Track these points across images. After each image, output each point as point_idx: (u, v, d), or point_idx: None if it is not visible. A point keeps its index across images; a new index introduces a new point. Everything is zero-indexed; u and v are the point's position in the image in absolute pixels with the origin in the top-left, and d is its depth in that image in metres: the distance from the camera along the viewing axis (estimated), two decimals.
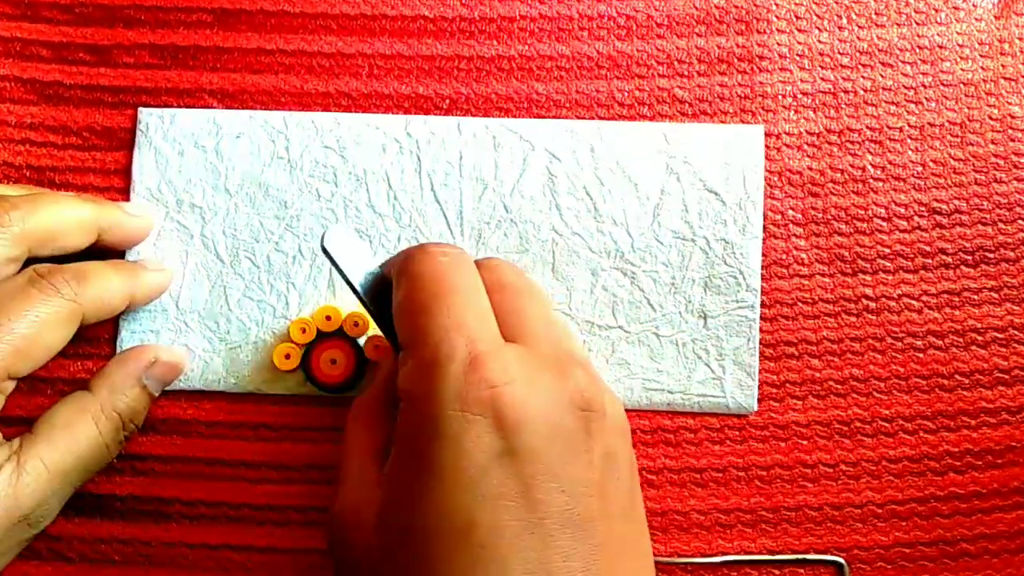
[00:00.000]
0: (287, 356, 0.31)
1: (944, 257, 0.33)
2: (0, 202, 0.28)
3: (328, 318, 0.32)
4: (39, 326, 0.26)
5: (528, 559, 0.21)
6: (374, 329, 0.32)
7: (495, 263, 0.27)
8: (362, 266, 0.27)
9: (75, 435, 0.28)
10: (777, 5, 0.34)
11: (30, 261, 0.28)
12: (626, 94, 0.34)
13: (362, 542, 0.23)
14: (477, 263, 0.27)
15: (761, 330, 0.33)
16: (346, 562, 0.24)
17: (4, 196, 0.28)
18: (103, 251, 0.31)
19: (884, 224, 0.33)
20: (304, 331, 0.31)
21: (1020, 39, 0.34)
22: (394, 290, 0.25)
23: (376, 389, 0.27)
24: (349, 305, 0.32)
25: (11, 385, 0.26)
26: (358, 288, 0.26)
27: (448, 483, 0.22)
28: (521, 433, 0.22)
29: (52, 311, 0.27)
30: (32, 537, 0.28)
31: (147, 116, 0.33)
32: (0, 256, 0.27)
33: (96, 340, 0.32)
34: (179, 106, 0.34)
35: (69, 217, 0.29)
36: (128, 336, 0.32)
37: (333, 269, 0.27)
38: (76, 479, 0.28)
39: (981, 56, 0.34)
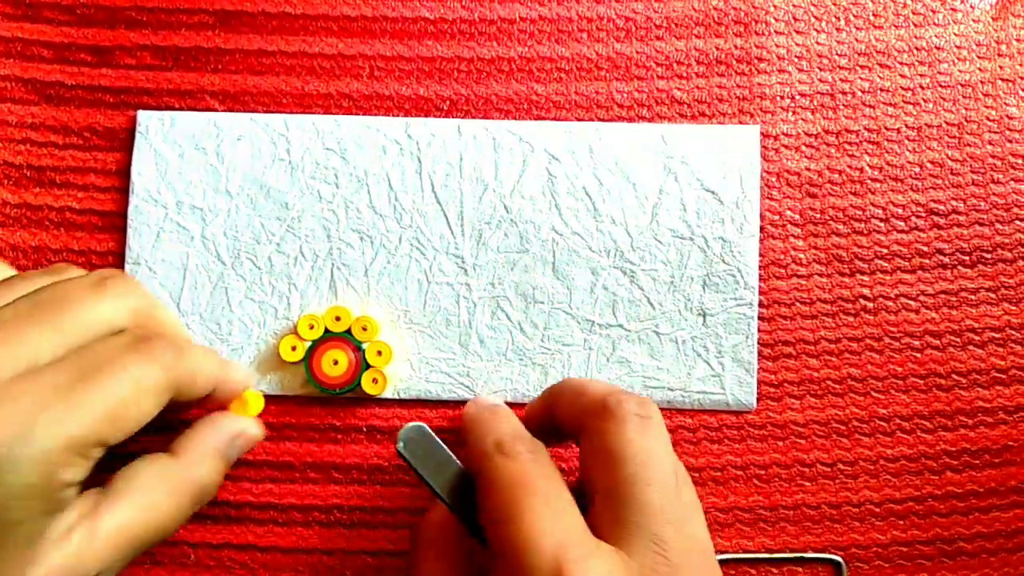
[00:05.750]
0: (293, 348, 0.32)
1: (941, 257, 0.33)
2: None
3: (337, 319, 0.32)
4: (136, 392, 0.24)
5: None
6: (381, 336, 0.32)
7: (623, 405, 0.25)
8: (441, 465, 0.26)
9: (155, 503, 0.26)
10: (775, 7, 0.34)
11: None
12: (625, 95, 0.34)
13: None
14: (603, 402, 0.25)
15: (759, 330, 0.33)
16: None
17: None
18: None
19: (882, 224, 0.33)
20: (312, 327, 0.32)
21: (1017, 40, 0.34)
22: (477, 492, 0.25)
23: (443, 513, 0.27)
24: (359, 308, 0.32)
25: (99, 453, 0.24)
26: (442, 495, 0.26)
27: None
28: None
29: (150, 378, 0.24)
30: None
31: (147, 119, 0.34)
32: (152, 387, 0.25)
33: None
34: (180, 107, 0.34)
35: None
36: None
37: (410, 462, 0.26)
38: (141, 549, 0.26)
39: (978, 57, 0.34)
